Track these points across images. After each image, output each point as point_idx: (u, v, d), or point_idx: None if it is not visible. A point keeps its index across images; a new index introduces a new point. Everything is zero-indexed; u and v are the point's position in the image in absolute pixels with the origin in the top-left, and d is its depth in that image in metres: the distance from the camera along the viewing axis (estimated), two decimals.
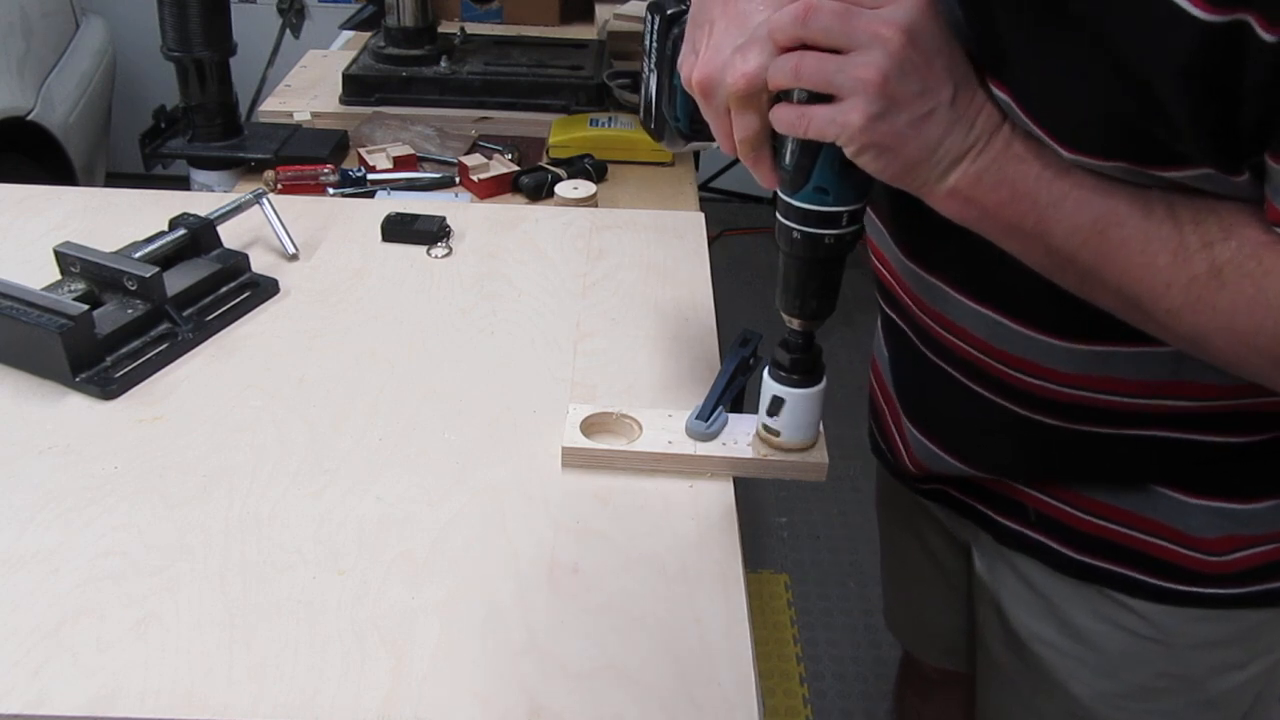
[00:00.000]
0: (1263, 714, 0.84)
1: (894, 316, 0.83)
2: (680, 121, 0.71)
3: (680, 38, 0.67)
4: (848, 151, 0.56)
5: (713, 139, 0.65)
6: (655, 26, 0.70)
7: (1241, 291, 0.52)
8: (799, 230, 0.63)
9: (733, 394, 0.78)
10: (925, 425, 0.83)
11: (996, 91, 0.56)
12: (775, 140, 0.61)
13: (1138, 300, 0.56)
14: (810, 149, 0.59)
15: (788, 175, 0.62)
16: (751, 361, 0.80)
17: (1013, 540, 0.82)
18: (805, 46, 0.54)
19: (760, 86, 0.57)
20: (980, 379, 0.74)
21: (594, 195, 1.21)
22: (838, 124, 0.54)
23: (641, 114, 0.74)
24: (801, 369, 0.71)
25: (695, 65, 0.60)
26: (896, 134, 0.54)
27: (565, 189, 1.22)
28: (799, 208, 0.62)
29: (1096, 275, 0.56)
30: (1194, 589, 0.75)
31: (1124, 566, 0.76)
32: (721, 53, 0.58)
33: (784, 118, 0.57)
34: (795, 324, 0.69)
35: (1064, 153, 0.54)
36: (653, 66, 0.71)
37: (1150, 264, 0.54)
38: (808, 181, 0.61)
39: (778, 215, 0.64)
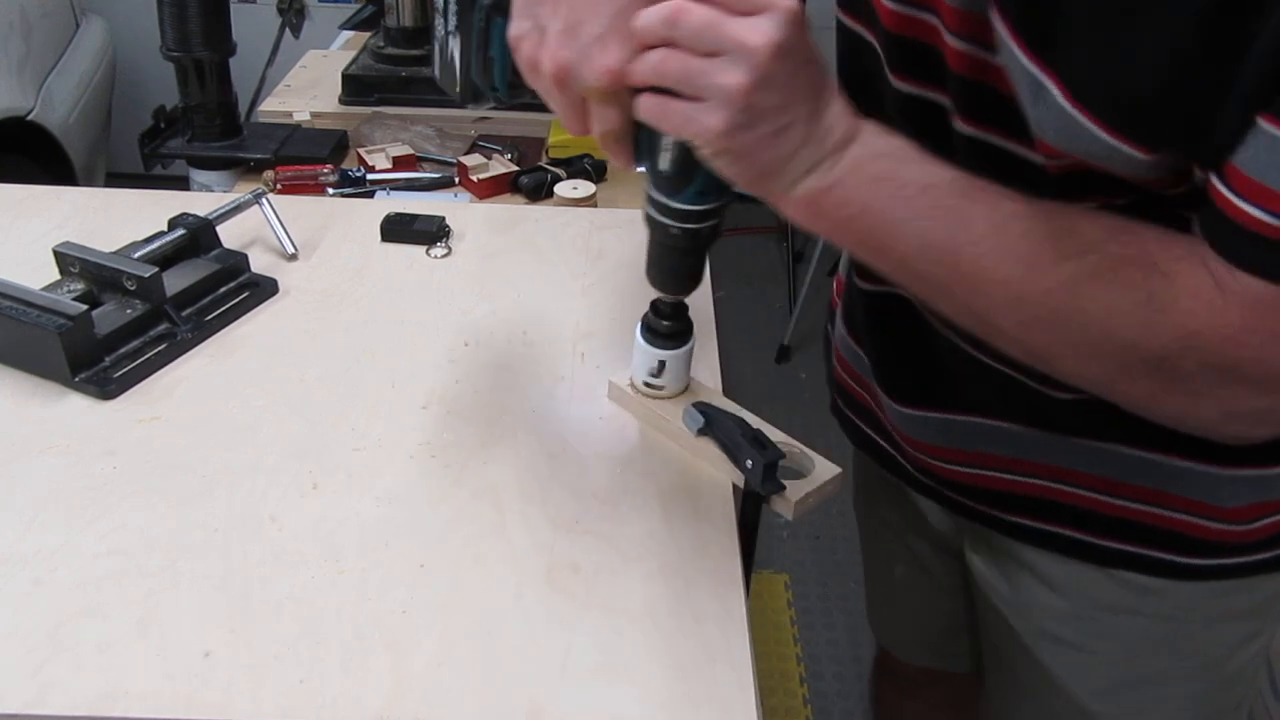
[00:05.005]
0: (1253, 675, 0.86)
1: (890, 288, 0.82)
2: (500, 91, 0.66)
3: (493, 8, 0.62)
4: (703, 152, 0.56)
5: (531, 97, 0.61)
6: None
7: (1096, 303, 0.53)
8: (678, 227, 0.64)
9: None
10: (914, 400, 0.82)
11: (1035, 71, 0.55)
12: (649, 141, 0.60)
13: (987, 315, 0.57)
14: (691, 158, 0.59)
15: (667, 180, 0.62)
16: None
17: (1027, 535, 0.81)
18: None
19: (623, 82, 0.55)
20: (987, 349, 0.73)
21: (593, 195, 1.21)
22: (698, 124, 0.54)
23: (439, 76, 0.68)
24: (678, 332, 0.76)
25: (544, 52, 0.56)
26: (754, 143, 0.54)
27: (565, 189, 1.22)
28: (678, 209, 0.63)
29: (946, 290, 0.58)
30: (1217, 561, 0.75)
31: (1146, 547, 0.76)
32: (577, 40, 0.55)
33: (645, 106, 0.55)
34: (670, 297, 0.74)
35: (1107, 137, 0.53)
36: (452, 30, 0.65)
37: (1004, 280, 0.55)
38: (689, 186, 0.61)
39: (651, 211, 0.65)
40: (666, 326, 0.76)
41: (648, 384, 0.79)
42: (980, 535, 0.88)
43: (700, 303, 0.96)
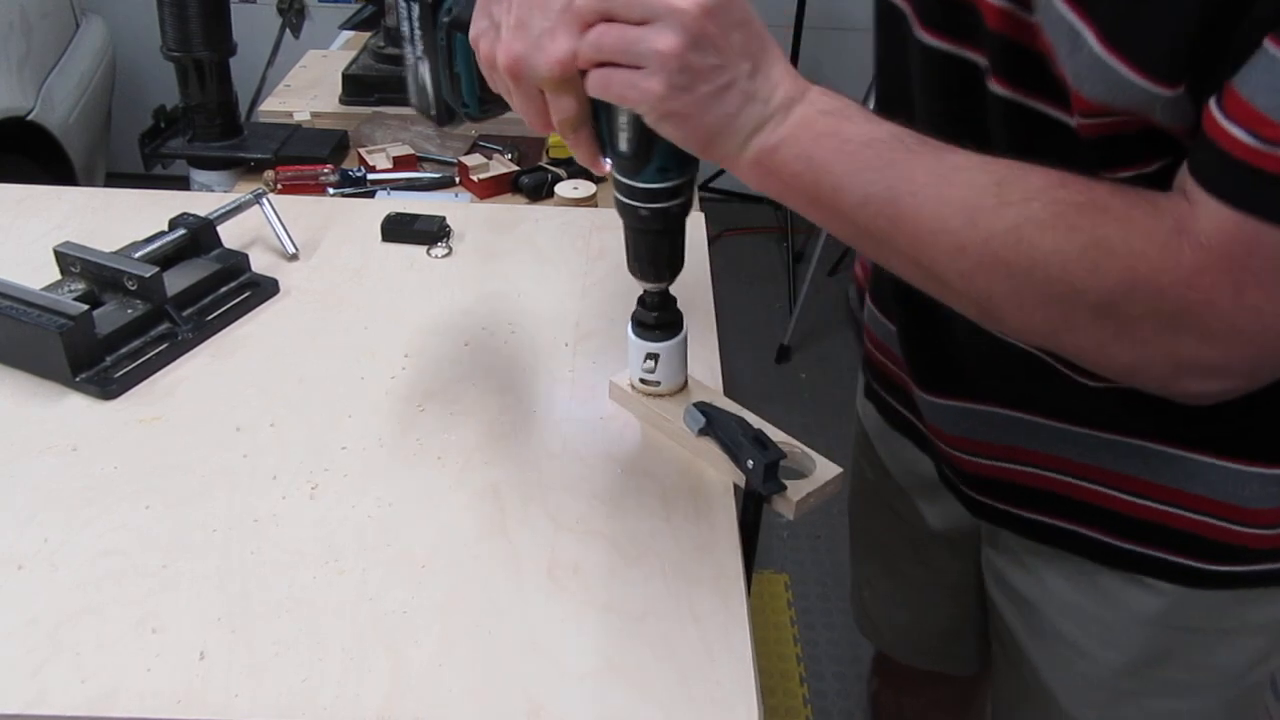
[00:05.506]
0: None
1: None
2: (469, 107, 0.69)
3: (453, 25, 0.65)
4: (648, 119, 0.57)
5: (502, 112, 0.64)
6: (415, 14, 0.67)
7: (1038, 246, 0.53)
8: (646, 208, 0.65)
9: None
10: (938, 388, 0.82)
11: (1072, 18, 0.55)
12: (607, 124, 0.62)
13: (931, 266, 0.57)
14: (647, 135, 0.60)
15: (627, 161, 0.63)
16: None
17: (1046, 534, 0.81)
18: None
19: (574, 70, 0.57)
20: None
21: (594, 195, 1.21)
22: (640, 89, 0.55)
23: (415, 102, 0.71)
24: (666, 323, 0.76)
25: (499, 47, 0.58)
26: (696, 104, 0.55)
27: (565, 189, 1.22)
28: (643, 188, 0.64)
29: (891, 243, 0.58)
30: (1238, 568, 0.74)
31: (1166, 550, 0.75)
32: (528, 33, 0.57)
33: (590, 80, 0.57)
34: (653, 286, 0.73)
35: (1138, 79, 0.53)
36: (420, 55, 0.68)
37: (945, 229, 0.55)
38: (649, 164, 0.63)
39: (618, 196, 0.66)
40: (654, 318, 0.75)
41: (644, 380, 0.78)
42: (995, 533, 0.87)
43: (700, 302, 0.96)
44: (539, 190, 1.24)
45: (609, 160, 0.64)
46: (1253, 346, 0.53)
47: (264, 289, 0.94)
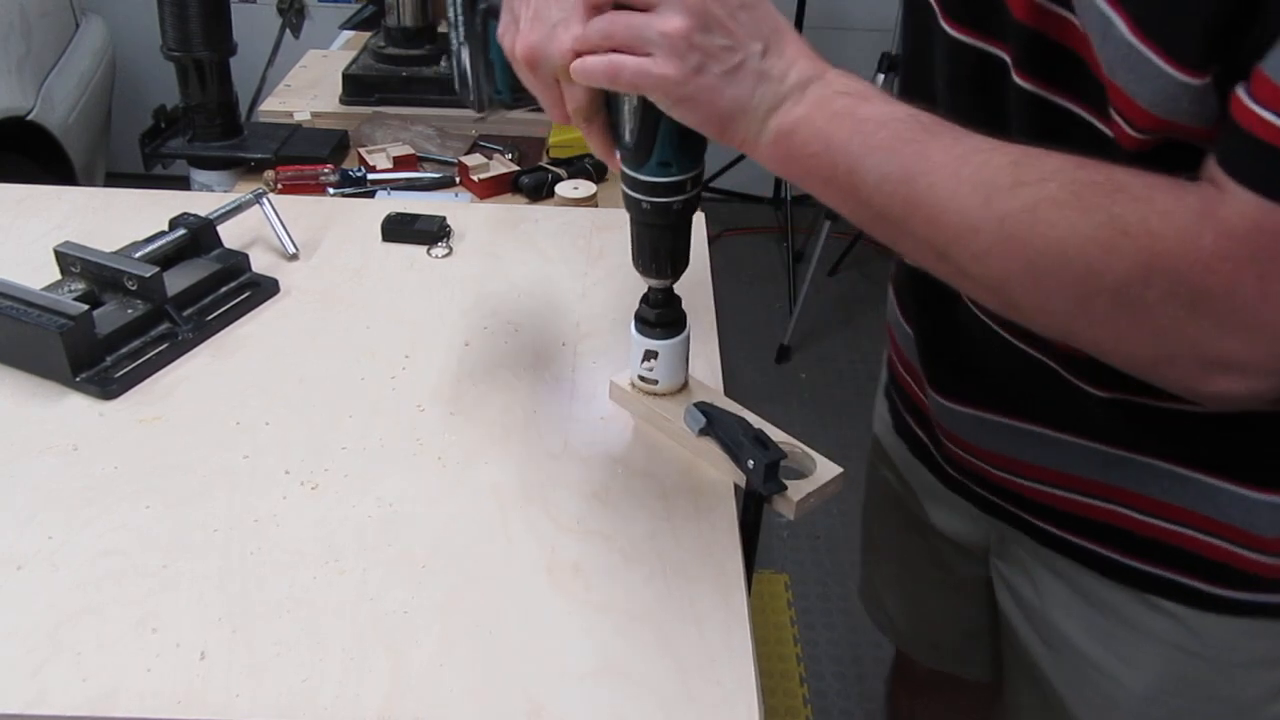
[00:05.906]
0: None
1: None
2: (503, 94, 0.71)
3: (488, 13, 0.67)
4: (663, 105, 0.57)
5: (536, 104, 0.65)
6: (458, 2, 0.69)
7: (1054, 226, 0.52)
8: (648, 201, 0.66)
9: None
10: (954, 393, 0.81)
11: (1105, 7, 0.54)
12: (612, 115, 0.63)
13: (946, 249, 0.56)
14: (649, 127, 0.61)
15: (630, 153, 0.64)
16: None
17: (1058, 546, 0.80)
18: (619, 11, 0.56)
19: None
20: (1036, 343, 0.72)
21: (594, 195, 1.21)
22: (653, 75, 0.55)
23: (458, 87, 0.73)
24: (668, 321, 0.76)
25: (517, 38, 0.60)
26: (709, 86, 0.56)
27: (565, 189, 1.22)
28: (645, 181, 0.65)
29: (907, 226, 0.57)
30: (1250, 596, 0.73)
31: (1176, 571, 0.74)
32: (544, 24, 0.59)
33: (595, 68, 0.57)
34: (655, 283, 0.74)
35: (1167, 67, 0.52)
36: (463, 40, 0.70)
37: (960, 209, 0.54)
38: (650, 157, 0.64)
39: (624, 188, 0.67)
40: (656, 315, 0.76)
41: (643, 378, 0.78)
42: (1008, 539, 0.87)
43: (701, 303, 0.96)
44: (539, 190, 1.24)
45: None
46: (1279, 342, 0.51)
47: (264, 289, 0.94)
